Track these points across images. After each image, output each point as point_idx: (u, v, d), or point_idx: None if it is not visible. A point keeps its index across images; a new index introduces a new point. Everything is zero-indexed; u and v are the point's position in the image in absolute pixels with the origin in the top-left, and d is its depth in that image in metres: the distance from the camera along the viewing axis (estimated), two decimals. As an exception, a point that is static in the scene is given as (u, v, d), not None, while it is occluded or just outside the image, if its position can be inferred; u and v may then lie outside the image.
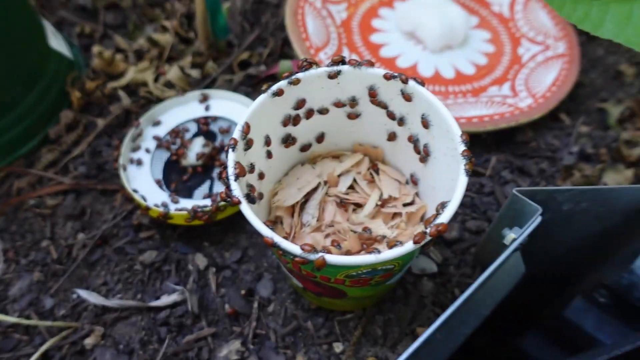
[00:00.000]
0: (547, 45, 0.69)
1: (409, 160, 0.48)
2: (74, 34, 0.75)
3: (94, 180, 0.61)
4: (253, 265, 0.55)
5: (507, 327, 0.76)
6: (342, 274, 0.38)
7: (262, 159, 0.45)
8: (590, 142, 0.64)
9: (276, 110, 0.44)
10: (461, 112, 0.60)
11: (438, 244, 0.55)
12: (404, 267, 0.43)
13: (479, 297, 0.45)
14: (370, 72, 0.42)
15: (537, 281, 0.63)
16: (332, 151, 0.51)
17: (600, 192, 0.45)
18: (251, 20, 0.76)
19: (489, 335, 0.80)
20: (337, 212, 0.47)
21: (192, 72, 0.68)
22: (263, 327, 0.52)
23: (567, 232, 0.52)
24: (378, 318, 0.51)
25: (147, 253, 0.56)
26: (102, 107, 0.67)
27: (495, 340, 0.79)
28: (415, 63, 0.67)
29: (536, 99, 0.63)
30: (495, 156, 0.61)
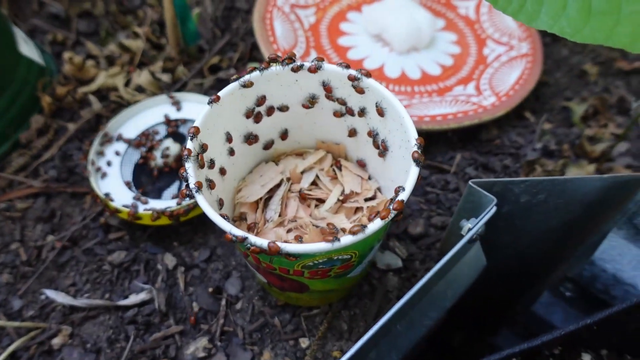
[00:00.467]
0: (512, 45, 0.71)
1: (370, 156, 0.49)
2: (47, 42, 0.76)
3: (64, 183, 0.62)
4: (221, 264, 0.56)
5: (483, 326, 0.77)
6: (299, 264, 0.39)
7: (224, 155, 0.46)
8: (554, 139, 0.65)
9: (236, 107, 0.45)
10: (426, 111, 0.61)
11: (403, 239, 0.56)
12: (364, 259, 0.43)
13: (439, 288, 0.46)
14: (326, 69, 0.43)
15: (506, 277, 0.64)
16: (295, 149, 0.52)
17: (556, 182, 0.46)
18: (222, 26, 0.77)
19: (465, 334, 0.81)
20: (299, 208, 0.48)
21: (162, 77, 0.69)
22: (231, 324, 0.52)
23: (529, 225, 0.53)
24: (344, 313, 0.52)
25: (115, 253, 0.56)
26: (73, 112, 0.67)
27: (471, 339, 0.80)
28: (382, 64, 0.69)
29: (499, 97, 0.64)
30: (460, 153, 0.62)
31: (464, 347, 0.76)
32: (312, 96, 0.46)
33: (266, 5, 0.71)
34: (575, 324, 0.33)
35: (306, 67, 0.43)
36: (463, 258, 0.47)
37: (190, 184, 0.38)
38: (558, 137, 0.65)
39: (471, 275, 0.49)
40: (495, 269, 0.61)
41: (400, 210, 0.37)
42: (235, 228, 0.36)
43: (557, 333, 0.33)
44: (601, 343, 0.46)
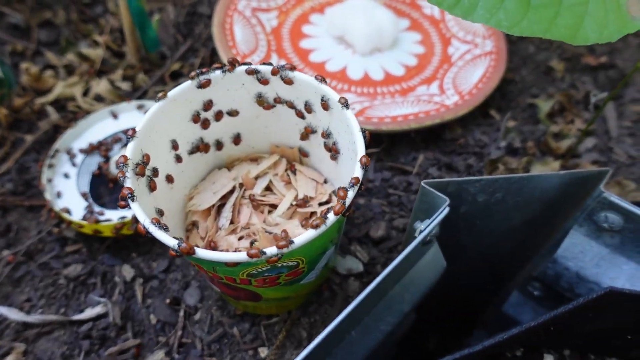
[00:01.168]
0: (476, 43, 0.70)
1: (323, 159, 0.48)
2: (6, 52, 0.74)
3: (21, 196, 0.60)
4: (180, 274, 0.54)
5: (458, 328, 0.76)
6: (243, 273, 0.38)
7: (171, 163, 0.45)
8: (519, 137, 0.64)
9: (181, 113, 0.44)
10: (387, 112, 0.61)
11: (365, 243, 0.55)
12: (315, 265, 0.42)
13: (395, 292, 0.45)
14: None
15: (474, 278, 0.63)
16: (249, 154, 0.51)
17: (512, 181, 0.46)
18: (184, 32, 0.76)
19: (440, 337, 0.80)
20: (252, 214, 0.47)
21: (122, 85, 0.68)
22: (189, 335, 0.51)
23: (490, 225, 0.52)
24: (303, 320, 0.51)
25: (72, 267, 0.55)
26: (31, 124, 0.66)
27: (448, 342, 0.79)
28: (345, 66, 0.68)
29: (462, 96, 0.63)
30: (423, 154, 0.62)
31: (441, 351, 0.75)
32: (259, 94, 0.45)
33: (226, 9, 0.70)
34: (530, 323, 0.32)
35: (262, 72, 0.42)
36: (420, 260, 0.46)
37: (125, 192, 0.36)
38: (523, 135, 0.65)
39: (430, 277, 0.48)
40: (461, 270, 0.60)
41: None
42: (161, 231, 0.35)
43: (514, 331, 0.32)
44: (563, 343, 0.45)
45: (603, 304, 0.33)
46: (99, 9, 0.80)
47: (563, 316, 0.34)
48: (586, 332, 0.40)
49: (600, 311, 0.35)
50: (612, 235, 0.46)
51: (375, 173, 0.60)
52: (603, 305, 0.34)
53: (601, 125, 0.67)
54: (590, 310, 0.35)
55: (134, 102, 0.63)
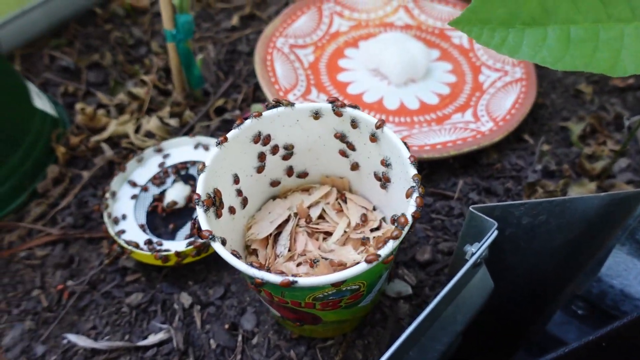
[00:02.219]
0: (505, 71, 0.73)
1: (373, 188, 0.50)
2: (59, 94, 0.79)
3: (81, 229, 0.64)
4: (236, 300, 0.57)
5: (500, 349, 0.77)
6: (310, 297, 0.40)
7: (233, 196, 0.48)
8: (554, 160, 0.67)
9: (242, 149, 0.47)
10: (426, 140, 0.63)
11: (412, 266, 0.57)
12: (372, 288, 0.45)
13: (448, 313, 0.47)
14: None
15: (518, 298, 0.65)
16: (301, 185, 0.54)
17: (555, 203, 0.48)
18: (225, 69, 0.80)
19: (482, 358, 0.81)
20: (308, 242, 0.50)
21: (170, 122, 0.72)
22: (248, 359, 0.53)
23: (534, 245, 0.54)
24: (358, 342, 0.53)
25: (133, 295, 0.58)
26: (86, 160, 0.70)
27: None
28: (381, 97, 0.71)
29: (497, 122, 0.66)
30: (462, 179, 0.64)
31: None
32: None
33: (266, 47, 0.74)
34: (579, 341, 0.34)
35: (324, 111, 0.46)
36: (470, 282, 0.48)
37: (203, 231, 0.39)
38: (558, 158, 0.67)
39: (479, 298, 0.50)
40: (506, 291, 0.62)
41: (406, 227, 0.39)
42: (252, 268, 0.38)
43: (561, 351, 0.34)
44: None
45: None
46: (142, 49, 0.85)
47: (614, 333, 0.35)
48: (636, 349, 0.42)
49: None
50: (655, 253, 0.48)
51: (417, 199, 0.63)
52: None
53: (633, 146, 0.69)
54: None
55: (181, 138, 0.67)
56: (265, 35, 0.76)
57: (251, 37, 0.85)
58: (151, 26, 0.88)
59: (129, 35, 0.87)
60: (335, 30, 0.80)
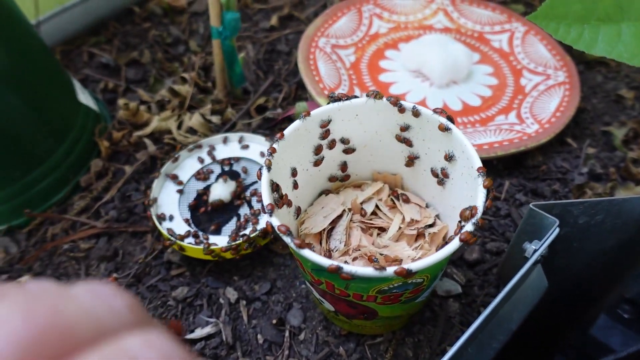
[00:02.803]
0: (548, 74, 0.73)
1: (427, 184, 0.50)
2: (98, 90, 0.79)
3: (125, 223, 0.64)
4: (282, 296, 0.57)
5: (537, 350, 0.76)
6: (374, 289, 0.40)
7: (289, 189, 0.48)
8: (599, 163, 0.66)
9: (300, 143, 0.47)
10: (471, 140, 0.63)
11: (460, 266, 0.57)
12: (433, 282, 0.45)
13: (505, 311, 0.47)
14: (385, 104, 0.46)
15: (562, 300, 0.64)
16: (352, 181, 0.54)
17: (614, 203, 0.48)
18: (264, 69, 0.80)
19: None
20: (362, 237, 0.49)
21: (212, 118, 0.72)
22: (296, 355, 0.53)
23: (585, 247, 0.53)
24: (408, 340, 0.52)
25: (179, 289, 0.58)
26: (128, 155, 0.70)
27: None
28: (424, 98, 0.71)
29: (542, 124, 0.66)
30: (508, 180, 0.64)
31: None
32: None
33: (308, 47, 0.75)
34: (636, 346, 0.34)
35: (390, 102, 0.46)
36: (526, 280, 0.48)
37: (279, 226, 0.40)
38: (602, 161, 0.67)
39: (534, 297, 0.49)
40: (552, 292, 0.61)
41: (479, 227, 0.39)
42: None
43: (613, 357, 0.34)
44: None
45: None
46: (181, 48, 0.86)
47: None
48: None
49: None
50: None
51: (462, 199, 0.62)
52: None
53: (676, 151, 0.69)
54: None
55: (223, 135, 0.67)
56: (307, 35, 0.77)
57: (290, 37, 0.85)
58: (189, 25, 0.89)
59: (167, 34, 0.88)
60: (374, 31, 0.81)
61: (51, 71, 0.66)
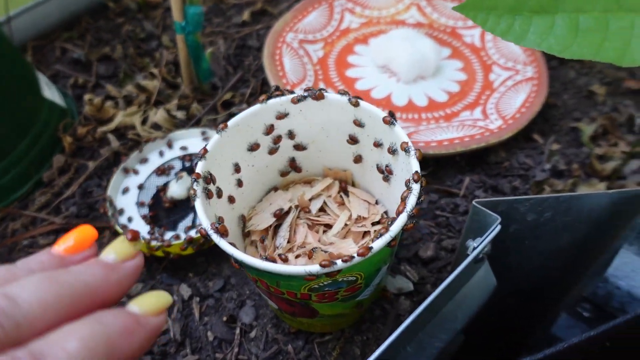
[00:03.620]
0: (517, 70, 0.72)
1: (375, 181, 0.50)
2: (69, 85, 0.79)
3: (85, 219, 0.64)
4: (236, 293, 0.57)
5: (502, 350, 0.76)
6: (305, 287, 0.40)
7: (232, 185, 0.47)
8: (563, 159, 0.65)
9: (242, 138, 0.46)
10: (432, 136, 0.62)
11: (414, 263, 0.57)
12: (370, 281, 0.44)
13: (448, 310, 0.46)
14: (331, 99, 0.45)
15: (522, 300, 0.63)
16: (303, 177, 0.53)
17: (561, 200, 0.47)
18: (234, 64, 0.80)
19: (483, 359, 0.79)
20: (308, 234, 0.49)
21: (177, 114, 0.72)
22: (245, 352, 0.52)
23: (538, 244, 0.53)
24: (356, 338, 0.52)
25: (133, 286, 0.57)
26: (93, 151, 0.70)
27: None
28: (389, 94, 0.70)
29: (506, 120, 0.65)
30: (469, 177, 0.63)
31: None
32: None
33: (276, 42, 0.74)
34: (579, 336, 0.33)
35: (308, 97, 0.45)
36: (472, 279, 0.47)
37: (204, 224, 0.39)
38: (567, 158, 0.66)
39: (481, 296, 0.49)
40: (510, 292, 0.60)
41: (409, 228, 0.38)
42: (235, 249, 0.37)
43: (559, 346, 0.33)
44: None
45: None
46: (153, 43, 0.85)
47: (620, 328, 0.34)
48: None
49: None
50: (664, 254, 0.47)
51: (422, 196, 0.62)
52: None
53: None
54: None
55: (190, 130, 0.67)
56: (275, 30, 0.76)
57: (261, 32, 0.84)
58: (163, 20, 0.89)
59: (141, 29, 0.87)
60: (346, 26, 0.80)
61: (13, 66, 0.65)
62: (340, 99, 0.45)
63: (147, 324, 0.23)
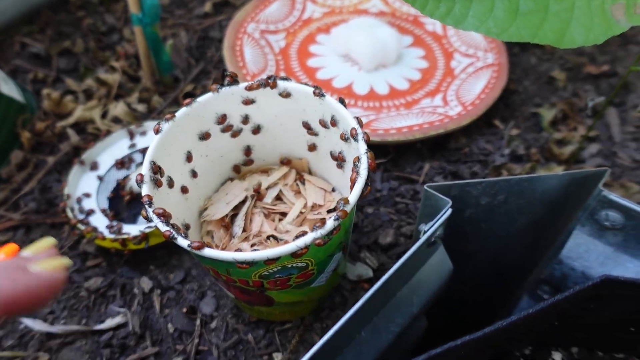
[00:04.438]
0: (477, 57, 0.72)
1: (330, 168, 0.50)
2: (28, 80, 0.78)
3: (44, 214, 0.63)
4: (196, 284, 0.56)
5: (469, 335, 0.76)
6: (255, 274, 0.40)
7: (186, 175, 0.47)
8: (523, 144, 0.66)
9: (193, 128, 0.46)
10: (392, 124, 0.63)
11: (374, 250, 0.57)
12: (324, 267, 0.44)
13: (403, 294, 0.47)
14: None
15: (483, 285, 0.64)
16: (260, 166, 0.53)
17: (512, 182, 0.47)
18: (196, 56, 0.79)
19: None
20: (264, 222, 0.49)
21: (138, 107, 0.71)
22: (206, 343, 0.52)
23: (495, 228, 0.53)
24: (316, 325, 0.52)
25: (92, 280, 0.57)
26: (52, 146, 0.69)
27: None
28: (351, 83, 0.70)
29: (465, 106, 0.65)
30: (429, 163, 0.63)
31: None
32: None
33: (236, 33, 0.74)
34: (528, 310, 0.34)
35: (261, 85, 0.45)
36: (427, 263, 0.47)
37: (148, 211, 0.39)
38: (527, 142, 0.66)
39: (438, 280, 0.49)
40: (471, 277, 0.61)
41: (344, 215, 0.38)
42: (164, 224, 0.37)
43: (499, 324, 0.34)
44: (570, 339, 0.46)
45: (600, 292, 0.34)
46: (115, 36, 0.84)
47: (561, 305, 0.35)
48: (589, 325, 0.41)
49: (599, 301, 0.36)
50: (615, 234, 0.47)
51: (382, 183, 0.62)
52: (600, 294, 0.35)
53: (604, 132, 0.69)
54: (588, 300, 0.36)
55: (151, 123, 0.66)
56: (236, 21, 0.76)
57: (224, 23, 0.84)
58: (124, 13, 0.88)
59: (102, 22, 0.86)
60: (308, 16, 0.80)
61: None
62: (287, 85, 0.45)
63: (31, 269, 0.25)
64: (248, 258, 0.36)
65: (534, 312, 0.33)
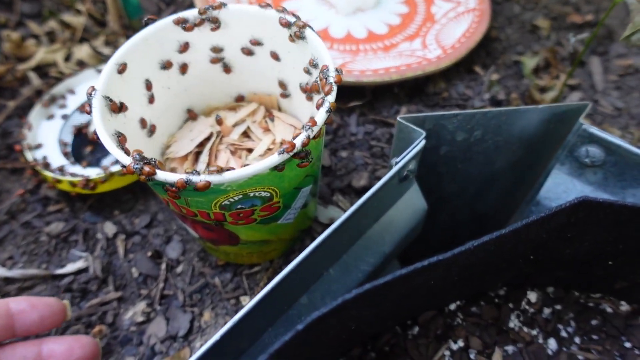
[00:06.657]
0: (459, 2, 0.70)
1: (301, 103, 0.47)
2: (-12, 25, 0.74)
3: (4, 160, 0.60)
4: (162, 229, 0.54)
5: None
6: (215, 204, 0.37)
7: (144, 105, 0.44)
8: (504, 90, 0.64)
9: (154, 54, 0.43)
10: (368, 65, 0.60)
11: (347, 193, 0.55)
12: (290, 202, 0.42)
13: (374, 232, 0.45)
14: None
15: (464, 231, 0.62)
16: (228, 103, 0.51)
17: (489, 115, 0.45)
18: (167, 0, 0.76)
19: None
20: (230, 159, 0.47)
21: (104, 50, 0.68)
22: (171, 287, 0.50)
23: (472, 169, 0.51)
24: (285, 268, 0.50)
25: (54, 224, 0.54)
26: (13, 90, 0.66)
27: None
28: (327, 26, 0.67)
29: (445, 50, 0.63)
30: (406, 107, 0.61)
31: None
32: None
33: (208, -27, 0.70)
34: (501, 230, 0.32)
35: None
36: (399, 201, 0.45)
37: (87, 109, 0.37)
38: (508, 89, 0.64)
39: (411, 219, 0.47)
40: (450, 223, 0.59)
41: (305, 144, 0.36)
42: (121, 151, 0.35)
43: (469, 244, 0.32)
44: (545, 277, 0.45)
45: (578, 216, 0.33)
46: (82, -19, 0.80)
47: (537, 230, 0.33)
48: (566, 259, 0.40)
49: (576, 227, 0.34)
50: (595, 171, 0.46)
51: (358, 127, 0.60)
52: (578, 218, 0.33)
53: (587, 80, 0.67)
54: (565, 227, 0.34)
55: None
56: (208, -38, 0.72)
57: (196, -33, 0.80)
58: (92, -43, 0.84)
59: (68, -34, 0.82)
60: (284, -41, 0.76)
61: None
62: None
63: None
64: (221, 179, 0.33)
65: (507, 232, 0.31)
